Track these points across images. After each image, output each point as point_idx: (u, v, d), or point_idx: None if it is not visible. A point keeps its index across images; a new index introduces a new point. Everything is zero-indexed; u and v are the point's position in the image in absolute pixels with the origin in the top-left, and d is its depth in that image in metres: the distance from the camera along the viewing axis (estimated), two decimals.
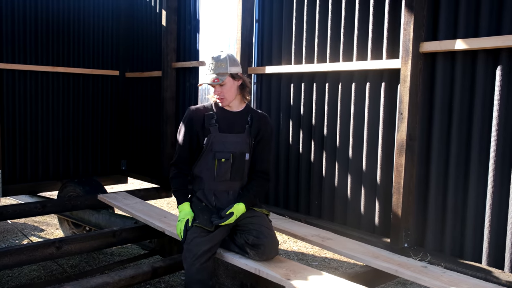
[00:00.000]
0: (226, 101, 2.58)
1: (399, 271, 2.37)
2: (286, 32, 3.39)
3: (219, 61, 2.51)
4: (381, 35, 2.80)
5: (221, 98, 2.57)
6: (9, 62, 4.35)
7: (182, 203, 2.64)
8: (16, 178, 4.49)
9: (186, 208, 2.61)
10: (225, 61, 2.52)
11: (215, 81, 2.50)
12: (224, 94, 2.55)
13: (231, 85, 2.55)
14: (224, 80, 2.51)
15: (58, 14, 4.64)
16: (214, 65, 2.52)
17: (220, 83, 2.51)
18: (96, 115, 5.00)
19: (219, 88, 2.54)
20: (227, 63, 2.52)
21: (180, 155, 2.67)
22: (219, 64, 2.51)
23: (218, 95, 2.56)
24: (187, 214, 2.57)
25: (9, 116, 4.38)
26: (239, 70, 2.59)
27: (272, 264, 2.47)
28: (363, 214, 2.96)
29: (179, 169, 2.68)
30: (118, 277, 2.66)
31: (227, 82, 2.53)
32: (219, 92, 2.55)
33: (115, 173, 5.19)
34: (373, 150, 2.88)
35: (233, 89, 2.56)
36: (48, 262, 4.04)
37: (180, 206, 2.64)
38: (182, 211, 2.61)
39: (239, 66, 2.59)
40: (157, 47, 4.62)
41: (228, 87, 2.54)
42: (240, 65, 2.63)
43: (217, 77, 2.50)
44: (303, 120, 3.30)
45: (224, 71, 2.51)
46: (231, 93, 2.56)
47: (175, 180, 2.69)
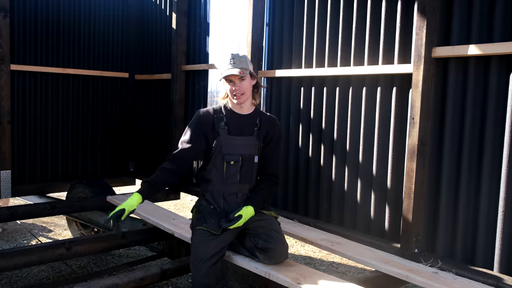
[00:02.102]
0: (245, 97, 2.56)
1: (409, 277, 2.36)
2: (296, 35, 3.39)
3: (240, 57, 2.52)
4: (392, 39, 2.80)
5: (241, 94, 2.54)
6: (20, 63, 4.38)
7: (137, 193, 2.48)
8: (25, 179, 4.52)
9: (134, 198, 2.45)
10: (244, 58, 2.54)
11: (241, 73, 2.47)
12: (244, 90, 2.53)
13: (249, 82, 2.56)
14: (247, 74, 2.51)
15: (69, 16, 4.68)
16: (235, 60, 2.50)
17: (244, 76, 2.49)
18: (105, 116, 5.03)
19: (240, 83, 2.52)
20: (247, 60, 2.55)
21: (178, 153, 2.61)
22: (240, 59, 2.51)
23: (237, 90, 2.52)
24: (127, 205, 2.42)
25: (19, 117, 4.41)
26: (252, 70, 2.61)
27: (282, 268, 2.46)
28: (373, 219, 2.95)
29: (170, 164, 2.58)
30: (127, 279, 2.67)
31: (247, 78, 2.53)
32: (239, 87, 2.52)
33: (123, 175, 5.21)
34: (383, 155, 2.87)
35: (250, 87, 2.57)
36: (57, 263, 4.05)
37: (134, 193, 2.48)
38: (129, 199, 2.45)
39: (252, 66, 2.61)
40: (167, 49, 4.64)
41: (247, 83, 2.54)
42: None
43: (242, 70, 2.49)
44: (313, 124, 3.30)
45: (246, 66, 2.52)
46: (249, 90, 2.57)
47: (157, 172, 2.57)
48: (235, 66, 2.49)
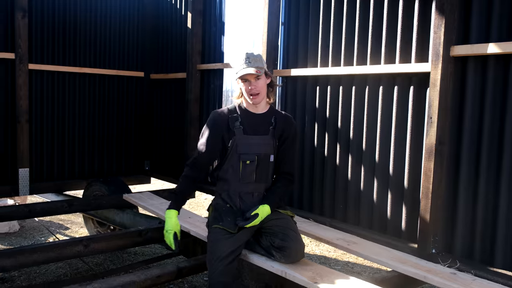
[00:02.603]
0: (260, 97, 2.57)
1: (427, 277, 2.34)
2: (312, 34, 3.38)
3: (255, 56, 2.53)
4: (410, 38, 2.77)
5: (256, 94, 2.55)
6: (38, 63, 4.43)
7: (171, 209, 2.63)
8: (43, 177, 4.57)
9: (173, 217, 2.62)
10: (259, 57, 2.55)
11: (257, 72, 2.48)
12: (259, 89, 2.54)
13: (264, 81, 2.57)
14: (262, 74, 2.52)
15: (85, 16, 4.72)
16: (250, 60, 2.51)
17: (260, 75, 2.50)
18: (121, 115, 5.07)
19: (255, 82, 2.52)
20: (262, 59, 2.55)
21: (198, 158, 2.66)
22: (256, 59, 2.52)
23: (253, 90, 2.53)
24: (173, 226, 2.59)
25: (37, 116, 4.47)
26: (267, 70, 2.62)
27: (298, 267, 2.46)
28: (390, 219, 2.93)
29: (193, 171, 2.66)
30: (144, 276, 2.69)
31: (262, 78, 2.54)
32: (255, 86, 2.53)
33: (139, 173, 5.25)
34: (400, 154, 2.85)
35: (265, 86, 2.58)
36: (74, 260, 4.10)
37: (168, 211, 2.64)
38: (168, 220, 2.61)
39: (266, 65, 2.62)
40: (182, 48, 4.66)
41: (263, 83, 2.55)
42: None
43: (258, 69, 2.50)
44: (328, 123, 3.29)
45: (261, 65, 2.53)
46: (265, 89, 2.58)
47: (181, 183, 2.68)
48: (251, 66, 2.50)
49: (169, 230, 2.58)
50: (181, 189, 2.66)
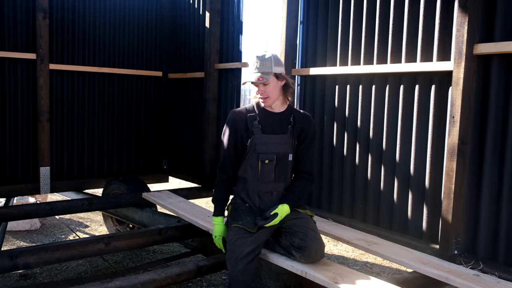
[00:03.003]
0: (270, 101, 2.58)
1: (449, 279, 2.31)
2: (331, 33, 3.36)
3: (264, 60, 2.52)
4: (431, 36, 2.74)
5: (265, 98, 2.57)
6: (58, 63, 4.49)
7: (217, 216, 2.72)
8: (63, 175, 4.63)
9: (219, 223, 2.70)
10: (269, 60, 2.52)
11: (259, 80, 2.50)
12: (268, 94, 2.55)
13: (275, 85, 2.55)
14: (269, 79, 2.51)
15: (105, 16, 4.77)
16: (258, 64, 2.53)
17: (264, 82, 2.51)
18: (139, 114, 5.11)
19: (263, 87, 2.54)
20: (272, 63, 2.52)
21: (226, 158, 2.69)
22: (264, 63, 2.51)
23: (261, 94, 2.56)
24: (221, 232, 2.69)
25: (57, 115, 4.53)
26: (283, 70, 2.58)
27: (318, 267, 2.46)
28: (410, 219, 2.90)
29: (225, 174, 2.69)
30: (164, 274, 2.72)
31: (271, 82, 2.53)
32: (263, 91, 2.55)
33: (157, 172, 5.29)
34: (421, 154, 2.82)
35: (276, 89, 2.56)
36: (94, 258, 4.16)
37: (214, 218, 2.73)
38: (216, 226, 2.71)
39: (283, 66, 2.59)
40: (200, 48, 4.68)
41: (272, 87, 2.54)
42: (284, 66, 2.63)
43: (262, 76, 2.50)
44: (348, 122, 3.27)
45: (268, 70, 2.51)
46: (275, 93, 2.56)
47: (218, 189, 2.74)
48: (259, 70, 2.52)
49: (218, 236, 2.70)
50: (220, 195, 2.74)
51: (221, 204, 2.73)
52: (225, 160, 2.69)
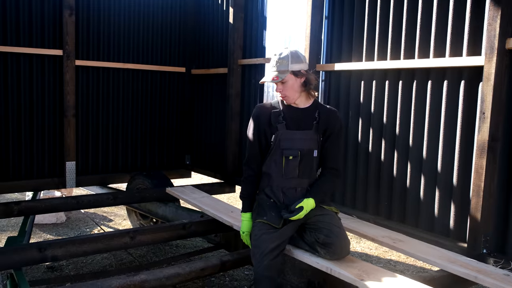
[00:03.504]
0: (289, 99, 2.57)
1: (479, 278, 2.27)
2: (357, 28, 3.32)
3: (281, 59, 2.51)
4: (461, 30, 2.67)
5: (284, 96, 2.57)
6: (84, 59, 4.56)
7: (245, 212, 2.73)
8: (88, 170, 4.70)
9: (247, 219, 2.71)
10: (286, 58, 2.50)
11: (274, 79, 2.51)
12: (286, 92, 2.54)
13: (293, 82, 2.52)
14: (285, 77, 2.49)
15: (129, 12, 4.81)
16: (276, 62, 2.53)
17: (280, 81, 2.50)
18: (163, 110, 5.15)
19: (281, 85, 2.53)
20: (289, 61, 2.50)
21: (251, 153, 2.70)
22: (281, 61, 2.51)
23: (280, 92, 2.56)
24: (249, 228, 2.69)
25: (83, 110, 4.60)
26: (303, 67, 2.54)
27: (343, 263, 2.44)
28: (437, 217, 2.85)
29: (251, 169, 2.70)
30: (189, 269, 2.74)
31: (288, 80, 2.51)
32: (281, 89, 2.54)
33: (180, 167, 5.32)
34: (449, 151, 2.77)
35: (295, 87, 2.54)
36: (118, 251, 4.22)
37: (243, 214, 2.74)
38: (244, 222, 2.73)
39: (303, 63, 2.54)
40: (223, 44, 4.68)
41: (289, 85, 2.52)
42: (307, 61, 2.60)
43: (278, 75, 2.50)
44: (373, 118, 3.23)
45: (285, 68, 2.50)
46: (293, 90, 2.54)
47: (245, 185, 2.75)
48: (275, 69, 2.52)
49: (245, 232, 2.71)
50: (247, 191, 2.74)
51: (249, 200, 2.73)
52: (250, 156, 2.70)
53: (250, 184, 2.72)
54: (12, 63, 4.14)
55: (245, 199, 2.74)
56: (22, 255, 2.72)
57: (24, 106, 4.24)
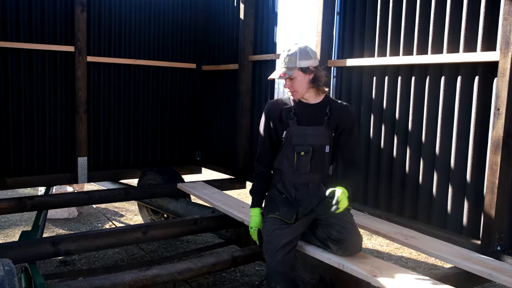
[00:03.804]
0: (297, 94, 2.57)
1: (493, 275, 2.25)
2: (369, 23, 3.30)
3: (289, 56, 2.51)
4: (475, 25, 2.64)
5: (292, 92, 2.57)
6: (95, 55, 4.58)
7: (255, 207, 2.73)
8: (99, 165, 4.72)
9: (256, 215, 2.70)
10: (294, 55, 2.50)
11: (281, 76, 2.51)
12: (294, 88, 2.54)
13: (301, 79, 2.52)
14: (293, 74, 2.49)
15: (140, 9, 4.81)
16: (284, 59, 2.53)
17: (288, 77, 2.50)
18: (173, 106, 5.16)
19: (289, 82, 2.54)
20: (297, 57, 2.49)
21: (262, 149, 2.71)
22: (289, 58, 2.51)
23: (288, 88, 2.56)
24: (257, 224, 2.69)
25: (94, 106, 4.62)
26: (312, 63, 2.52)
27: (355, 260, 2.43)
28: (450, 214, 2.83)
29: (263, 165, 2.71)
30: (200, 264, 2.75)
31: (296, 76, 2.50)
32: (289, 85, 2.55)
33: (190, 164, 5.34)
34: (463, 147, 2.74)
35: (303, 83, 2.53)
36: (130, 246, 4.25)
37: (252, 209, 2.74)
38: (252, 217, 2.71)
39: (312, 59, 2.53)
40: (234, 40, 4.68)
41: (298, 81, 2.52)
42: (317, 57, 2.59)
43: (286, 71, 2.50)
44: (385, 114, 3.21)
45: (292, 65, 2.50)
46: (302, 87, 2.54)
47: (256, 181, 2.76)
48: (283, 65, 2.53)
49: (254, 227, 2.70)
50: (258, 187, 2.74)
51: (258, 196, 2.74)
52: (261, 152, 2.71)
53: (261, 180, 2.73)
54: (25, 59, 4.17)
55: (255, 194, 2.75)
56: (36, 249, 2.75)
57: (37, 102, 4.27)
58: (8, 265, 2.08)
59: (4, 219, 5.25)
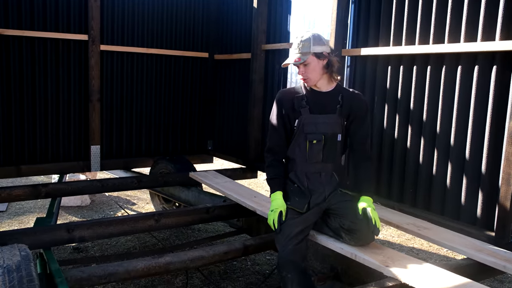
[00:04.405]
0: (310, 81, 2.56)
1: (507, 267, 2.23)
2: (385, 12, 3.25)
3: (303, 41, 2.50)
4: (494, 13, 2.59)
5: (305, 78, 2.55)
6: (108, 44, 4.58)
7: (275, 192, 2.62)
8: (112, 154, 4.74)
9: (279, 198, 2.58)
10: (308, 40, 2.49)
11: (296, 61, 2.49)
12: (308, 74, 2.53)
13: (315, 64, 2.51)
14: (307, 59, 2.48)
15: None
16: (298, 45, 2.52)
17: (302, 63, 2.48)
18: (186, 95, 5.16)
19: (303, 68, 2.52)
20: (311, 43, 2.49)
21: (273, 139, 2.69)
22: (303, 43, 2.50)
23: (301, 75, 2.55)
24: (279, 206, 2.54)
25: (107, 95, 4.63)
26: (325, 49, 2.53)
27: (368, 250, 2.43)
28: (464, 205, 2.81)
29: (274, 156, 2.68)
30: (212, 252, 2.77)
31: (310, 62, 2.50)
32: (303, 72, 2.53)
33: (202, 153, 5.34)
34: (478, 138, 2.71)
35: (317, 69, 2.52)
36: (141, 234, 4.29)
37: (273, 194, 2.63)
38: (274, 201, 2.59)
39: (325, 45, 2.53)
40: (247, 29, 4.64)
41: (311, 67, 2.51)
42: (330, 45, 2.58)
43: (300, 57, 2.49)
44: (399, 104, 3.18)
45: (307, 50, 2.49)
46: (316, 73, 2.53)
47: (271, 169, 2.68)
48: (297, 51, 2.51)
49: (274, 209, 2.52)
50: (275, 173, 2.65)
51: (276, 180, 2.64)
52: (272, 142, 2.69)
53: (276, 167, 2.67)
54: (39, 48, 4.20)
55: (272, 180, 2.64)
56: (51, 235, 2.78)
57: (51, 91, 4.30)
58: (25, 251, 2.12)
59: (19, 206, 5.32)
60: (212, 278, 3.56)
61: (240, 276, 3.65)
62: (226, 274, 3.66)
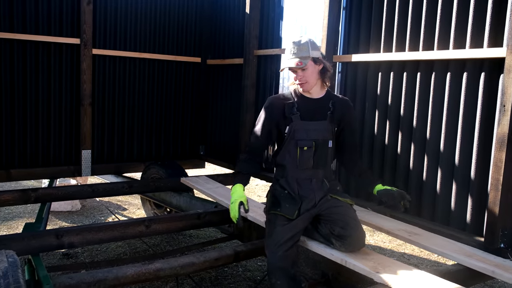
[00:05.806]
0: (308, 86, 2.56)
1: (496, 273, 2.24)
2: (375, 18, 3.27)
3: (301, 45, 2.50)
4: (482, 21, 2.62)
5: (303, 83, 2.55)
6: (100, 48, 4.57)
7: (236, 184, 2.61)
8: (103, 159, 4.72)
9: (239, 190, 2.59)
10: (306, 45, 2.50)
11: (298, 64, 2.48)
12: (306, 79, 2.53)
13: (313, 69, 2.52)
14: (307, 64, 2.49)
15: (146, 1, 4.80)
16: (295, 49, 2.51)
17: (302, 67, 2.49)
18: (178, 100, 5.15)
19: (301, 72, 2.52)
20: (309, 47, 2.50)
21: (254, 144, 2.70)
22: (301, 48, 2.49)
23: (299, 80, 2.54)
24: (239, 196, 2.55)
25: (99, 99, 4.61)
26: (320, 54, 2.55)
27: (358, 256, 2.43)
28: (454, 210, 2.82)
29: (251, 156, 2.70)
30: (203, 258, 2.75)
31: (309, 66, 2.50)
32: (301, 76, 2.52)
33: (194, 158, 5.33)
34: (467, 144, 2.73)
35: (314, 74, 2.54)
36: (132, 240, 4.26)
37: (233, 187, 2.62)
38: (234, 192, 2.58)
39: (319, 50, 2.57)
40: (239, 34, 4.66)
41: (310, 72, 2.52)
42: (325, 53, 2.60)
43: (300, 61, 2.48)
44: (390, 110, 3.19)
45: (306, 54, 2.49)
46: (313, 77, 2.54)
47: (244, 164, 2.68)
48: (296, 55, 2.50)
49: (234, 201, 2.53)
50: (245, 169, 2.66)
51: (243, 176, 2.65)
52: (253, 147, 2.70)
53: (249, 164, 2.67)
54: (31, 51, 4.17)
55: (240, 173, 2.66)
56: (40, 241, 2.75)
57: (42, 94, 4.28)
58: (12, 257, 2.09)
59: (7, 210, 5.27)
60: (203, 284, 3.54)
61: (231, 282, 3.64)
62: (217, 281, 3.65)
